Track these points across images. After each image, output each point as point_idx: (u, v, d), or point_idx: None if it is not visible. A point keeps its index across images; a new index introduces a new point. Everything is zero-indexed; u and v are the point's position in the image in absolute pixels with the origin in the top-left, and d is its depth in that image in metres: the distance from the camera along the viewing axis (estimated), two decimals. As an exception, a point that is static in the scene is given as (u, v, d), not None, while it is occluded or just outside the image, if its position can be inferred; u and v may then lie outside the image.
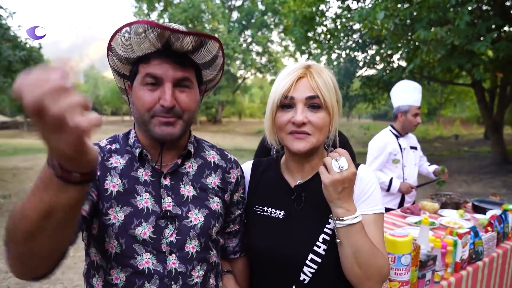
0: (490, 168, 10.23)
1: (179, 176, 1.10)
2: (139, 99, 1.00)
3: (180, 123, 1.02)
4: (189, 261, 1.05)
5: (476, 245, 2.00)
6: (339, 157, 1.04)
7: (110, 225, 1.00)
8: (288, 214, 1.17)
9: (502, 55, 5.63)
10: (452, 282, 1.81)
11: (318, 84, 1.08)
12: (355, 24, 10.89)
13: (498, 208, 2.73)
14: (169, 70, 0.98)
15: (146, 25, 0.92)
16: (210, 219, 1.10)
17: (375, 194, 1.14)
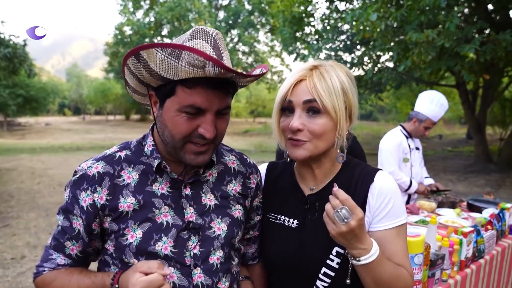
0: (474, 167, 10.49)
1: (199, 185, 1.06)
2: (175, 125, 0.91)
3: (212, 147, 0.98)
4: (215, 273, 1.02)
5: (479, 244, 2.05)
6: (340, 208, 0.93)
7: (127, 245, 0.96)
8: (302, 223, 1.13)
9: (488, 57, 5.79)
10: (458, 280, 1.84)
11: (317, 87, 1.00)
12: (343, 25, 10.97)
13: (492, 207, 2.81)
14: (215, 101, 0.90)
15: (207, 61, 0.80)
16: (233, 227, 1.07)
17: (396, 205, 1.06)
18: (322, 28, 12.74)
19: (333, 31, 11.79)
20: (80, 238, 0.99)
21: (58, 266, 1.01)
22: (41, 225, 5.36)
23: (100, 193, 0.97)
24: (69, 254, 1.01)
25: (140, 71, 0.91)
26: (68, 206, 1.00)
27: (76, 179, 1.00)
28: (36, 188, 7.79)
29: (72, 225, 0.99)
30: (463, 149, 15.34)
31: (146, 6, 29.27)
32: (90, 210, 0.97)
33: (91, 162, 1.02)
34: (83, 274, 1.00)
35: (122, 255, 0.97)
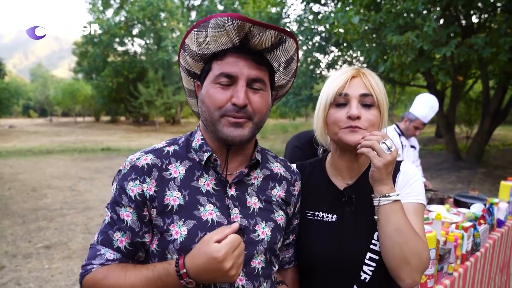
0: (445, 165, 10.94)
1: (244, 187, 1.05)
2: (210, 97, 0.95)
3: (249, 125, 0.97)
4: (256, 278, 1.00)
5: (476, 237, 2.15)
6: (385, 139, 1.04)
7: (172, 241, 0.94)
8: (341, 216, 1.18)
9: (462, 60, 6.08)
10: (461, 273, 1.94)
11: (371, 83, 1.13)
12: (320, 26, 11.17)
13: (478, 202, 2.95)
14: (244, 68, 0.94)
15: (227, 18, 0.87)
16: (276, 233, 1.06)
17: (416, 185, 1.17)
18: (298, 30, 12.91)
19: (309, 33, 11.96)
20: (128, 228, 0.96)
21: (107, 262, 0.96)
22: (18, 232, 5.13)
23: (149, 184, 0.96)
24: (118, 247, 0.97)
25: (186, 60, 1.00)
26: (116, 198, 0.98)
27: (125, 170, 0.99)
28: (7, 194, 7.44)
29: (120, 216, 0.97)
30: (433, 147, 15.95)
31: (116, 5, 28.55)
32: (139, 199, 0.96)
33: (140, 154, 1.01)
34: (138, 267, 0.95)
35: (165, 251, 0.95)
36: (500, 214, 2.66)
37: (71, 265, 4.08)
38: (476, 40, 5.99)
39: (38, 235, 5.04)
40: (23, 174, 9.67)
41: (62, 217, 5.86)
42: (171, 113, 29.92)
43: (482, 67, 8.37)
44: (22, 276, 3.82)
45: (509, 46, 5.96)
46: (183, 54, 0.99)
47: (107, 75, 28.59)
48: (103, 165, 11.33)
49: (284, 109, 16.90)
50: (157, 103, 26.89)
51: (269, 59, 1.02)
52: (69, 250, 4.49)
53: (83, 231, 5.19)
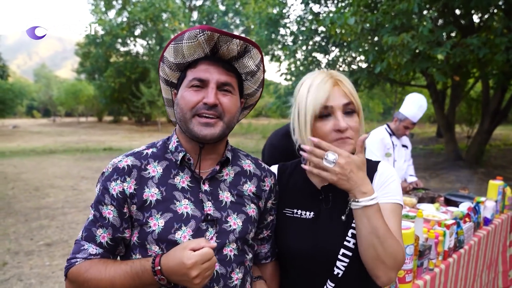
0: (445, 164, 10.97)
1: (216, 183, 1.14)
2: (184, 98, 1.06)
3: (220, 124, 1.06)
4: (228, 264, 1.09)
5: (459, 235, 2.22)
6: (326, 155, 1.05)
7: (150, 232, 1.03)
8: (317, 214, 1.23)
9: (458, 60, 6.13)
10: (442, 269, 2.01)
11: (350, 90, 1.16)
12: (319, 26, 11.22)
13: (468, 201, 3.01)
14: (215, 73, 1.05)
15: (199, 30, 0.99)
16: (248, 224, 1.14)
17: (393, 185, 1.18)
18: (298, 30, 12.97)
19: (309, 33, 12.02)
20: (110, 225, 1.05)
21: (90, 256, 1.04)
22: (21, 230, 5.23)
23: (129, 183, 1.06)
24: (100, 243, 1.05)
25: (164, 71, 1.12)
26: (99, 198, 1.07)
27: (107, 172, 1.09)
28: (10, 193, 7.56)
29: (102, 214, 1.05)
30: (434, 147, 15.97)
31: (118, 6, 28.70)
32: (120, 196, 1.05)
33: (121, 158, 1.11)
34: (118, 262, 1.05)
35: (145, 242, 1.04)
36: (487, 213, 2.72)
37: (71, 262, 4.18)
38: (472, 40, 6.04)
39: (40, 233, 5.14)
40: (26, 173, 9.79)
41: (63, 215, 5.97)
42: (173, 113, 30.12)
43: (481, 67, 8.41)
44: (24, 273, 3.92)
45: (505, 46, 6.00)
46: (162, 66, 1.12)
47: (110, 75, 28.76)
48: (104, 165, 11.22)
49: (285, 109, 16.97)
50: (159, 103, 27.00)
51: (237, 67, 1.12)
52: (69, 248, 4.59)
53: (84, 230, 5.28)
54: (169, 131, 27.33)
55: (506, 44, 6.17)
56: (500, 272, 3.03)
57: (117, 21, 28.34)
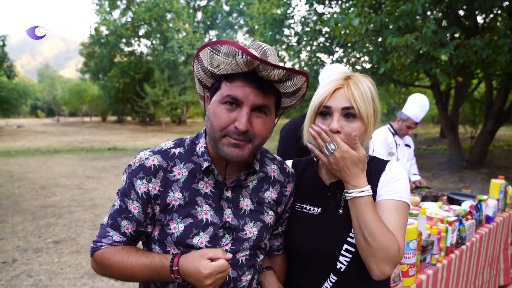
0: (448, 165, 10.99)
1: (239, 189, 1.15)
2: (216, 116, 1.02)
3: (248, 147, 1.03)
4: (240, 268, 1.14)
5: (461, 232, 2.27)
6: (329, 142, 1.12)
7: (170, 234, 1.08)
8: (325, 210, 1.28)
9: (461, 61, 6.17)
10: (445, 264, 2.06)
11: (354, 95, 1.15)
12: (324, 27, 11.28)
13: (470, 199, 3.06)
14: (251, 94, 0.99)
15: (238, 50, 0.92)
16: (263, 231, 1.18)
17: (399, 183, 1.20)
18: (302, 30, 13.02)
19: (313, 33, 12.08)
20: (134, 219, 1.10)
21: (114, 243, 1.11)
22: (29, 228, 5.32)
23: (154, 184, 1.08)
24: (124, 233, 1.11)
25: (199, 71, 1.06)
26: (125, 190, 1.10)
27: (134, 167, 1.10)
28: (17, 192, 7.65)
29: (128, 207, 1.10)
30: (437, 148, 15.97)
31: (122, 6, 28.84)
32: (145, 197, 1.08)
33: (149, 154, 1.11)
34: (140, 253, 1.10)
35: (164, 241, 1.10)
36: (489, 211, 2.77)
37: (79, 259, 4.25)
38: (475, 41, 6.07)
39: (47, 231, 5.22)
40: (32, 172, 9.90)
41: (70, 214, 6.05)
42: (177, 113, 30.12)
43: (484, 68, 8.43)
44: (33, 269, 4.00)
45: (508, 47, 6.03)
46: (196, 64, 1.05)
47: (114, 75, 28.90)
48: (109, 164, 11.54)
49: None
50: (163, 103, 27.13)
51: (277, 87, 1.06)
52: (77, 245, 4.67)
53: (91, 228, 5.36)
54: (173, 131, 27.46)
55: (509, 45, 6.20)
56: (501, 270, 3.08)
57: (122, 21, 28.48)
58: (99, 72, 32.01)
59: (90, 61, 31.89)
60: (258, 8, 14.48)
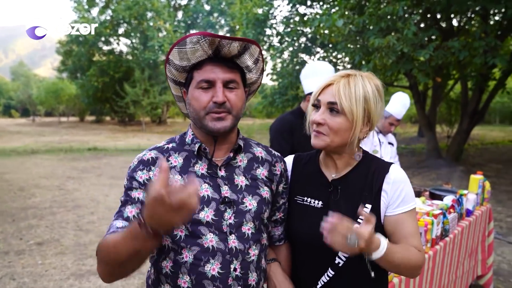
0: (426, 163, 11.33)
1: (232, 168, 1.24)
2: (196, 99, 1.16)
3: (229, 117, 1.17)
4: (246, 241, 1.19)
5: (445, 224, 2.38)
6: (349, 237, 1.06)
7: None
8: (326, 204, 1.31)
9: (439, 62, 6.40)
10: (431, 255, 2.16)
11: (340, 92, 1.20)
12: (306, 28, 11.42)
13: (451, 194, 3.20)
14: (220, 73, 1.14)
15: (200, 36, 1.08)
16: (262, 205, 1.24)
17: (407, 193, 1.25)
18: (284, 31, 13.15)
19: (295, 34, 12.22)
20: (139, 202, 1.14)
21: (116, 229, 1.08)
22: (9, 230, 5.18)
23: (154, 171, 1.17)
24: (127, 217, 1.12)
25: (171, 72, 1.21)
26: (127, 186, 1.17)
27: (133, 165, 1.20)
28: (-6, 193, 7.42)
29: (132, 196, 1.15)
30: (415, 146, 16.41)
31: (101, 4, 28.27)
32: (147, 183, 1.15)
33: (145, 152, 1.24)
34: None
35: None
36: (469, 205, 2.91)
37: (64, 260, 4.19)
38: (453, 43, 6.31)
39: (29, 232, 5.11)
40: (9, 174, 9.61)
41: (52, 215, 5.93)
42: (157, 113, 29.79)
43: (460, 69, 8.75)
44: (16, 272, 3.91)
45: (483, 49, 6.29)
46: (168, 67, 1.20)
47: (93, 74, 28.29)
48: (90, 165, 11.33)
49: (270, 109, 17.11)
50: (144, 103, 26.78)
51: (239, 63, 1.21)
52: (61, 246, 4.59)
53: (74, 228, 5.28)
54: (153, 131, 27.15)
55: (484, 48, 6.47)
56: (479, 260, 3.23)
57: (100, 19, 27.91)
58: (77, 71, 31.27)
59: (67, 60, 31.12)
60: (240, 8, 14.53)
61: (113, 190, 7.82)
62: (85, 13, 27.86)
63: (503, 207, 6.77)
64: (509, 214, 6.35)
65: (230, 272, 1.15)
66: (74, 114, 41.07)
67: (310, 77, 2.79)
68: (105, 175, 9.59)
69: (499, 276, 3.87)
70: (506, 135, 21.25)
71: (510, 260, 4.30)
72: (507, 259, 4.35)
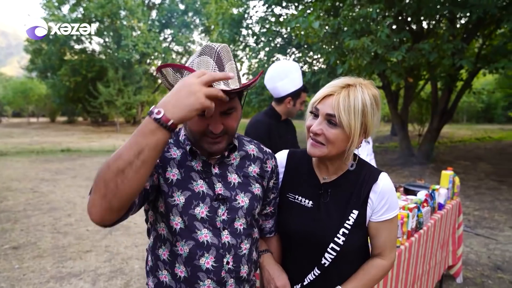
0: (399, 161, 11.72)
1: (225, 166, 1.29)
2: (192, 124, 1.16)
3: (225, 138, 1.20)
4: (238, 236, 1.25)
5: (419, 217, 2.53)
6: None
7: (175, 205, 1.19)
8: (316, 205, 1.37)
9: (411, 63, 6.67)
10: (407, 246, 2.30)
11: (339, 106, 1.21)
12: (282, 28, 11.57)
13: (424, 190, 3.37)
14: (216, 105, 1.09)
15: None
16: (254, 201, 1.30)
17: (392, 202, 1.34)
18: (260, 31, 13.26)
19: (271, 34, 12.35)
20: None
21: None
22: (-18, 235, 5.01)
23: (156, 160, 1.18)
24: None
25: (164, 82, 1.20)
26: None
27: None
28: (-37, 197, 7.13)
29: None
30: (389, 145, 16.93)
31: (72, 1, 27.45)
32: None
33: None
34: None
35: (169, 213, 1.19)
36: (441, 199, 3.09)
37: (43, 263, 4.11)
38: (424, 45, 6.59)
39: (3, 236, 4.96)
40: (-22, 177, 9.24)
41: (27, 218, 5.77)
42: (132, 113, 29.24)
43: (430, 70, 9.12)
44: (-8, 277, 3.81)
45: (451, 51, 6.60)
46: (161, 76, 1.16)
47: (64, 74, 27.46)
48: (64, 166, 11.04)
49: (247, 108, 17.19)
50: (118, 103, 26.25)
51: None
52: (39, 250, 4.49)
53: (52, 231, 5.17)
54: (128, 132, 26.64)
55: (452, 50, 6.80)
56: (450, 251, 3.42)
57: (72, 17, 27.10)
58: (47, 70, 30.27)
59: (37, 58, 30.06)
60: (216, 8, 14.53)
61: (90, 192, 7.68)
62: (55, 10, 26.97)
63: (471, 202, 7.13)
64: (476, 208, 6.70)
65: (223, 265, 1.22)
66: (44, 115, 39.74)
67: (283, 79, 2.71)
68: (80, 177, 9.38)
69: (468, 265, 4.11)
70: (473, 133, 22.24)
71: (477, 251, 4.57)
72: (475, 249, 4.61)
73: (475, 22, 8.45)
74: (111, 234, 5.09)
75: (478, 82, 21.45)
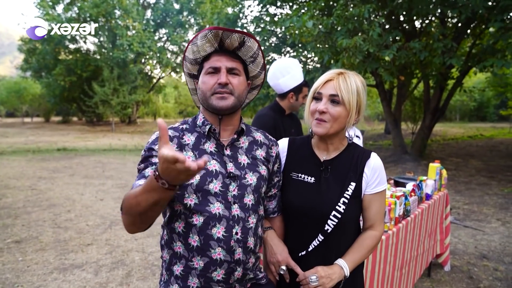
0: (392, 158, 11.93)
1: (235, 149, 1.46)
2: (204, 83, 1.38)
3: (232, 98, 1.37)
4: (247, 210, 1.40)
5: (407, 205, 2.70)
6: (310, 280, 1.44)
7: (190, 184, 1.32)
8: (318, 180, 1.54)
9: (403, 62, 6.85)
10: (394, 232, 2.46)
11: (340, 86, 1.45)
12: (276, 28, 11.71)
13: (413, 182, 3.54)
14: (224, 61, 1.37)
15: (207, 30, 1.33)
16: (261, 180, 1.46)
17: (382, 177, 1.55)
18: (255, 30, 13.39)
19: (266, 33, 12.49)
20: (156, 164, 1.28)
21: (139, 185, 1.18)
22: (-17, 230, 5.11)
23: (172, 145, 1.31)
24: (148, 176, 1.24)
25: (187, 67, 1.46)
26: (146, 155, 1.34)
27: (151, 140, 1.39)
28: (-39, 195, 7.20)
29: (152, 161, 1.33)
30: (382, 143, 17.16)
31: (67, 0, 27.39)
32: None
33: None
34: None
35: (185, 191, 1.32)
36: (428, 189, 3.26)
37: (45, 256, 4.23)
38: (415, 44, 6.77)
39: (5, 231, 5.07)
40: (-25, 175, 9.29)
41: (27, 214, 5.88)
42: (127, 112, 29.18)
43: (422, 69, 9.31)
44: (-3, 269, 3.92)
45: (441, 50, 6.79)
46: (185, 63, 1.44)
47: (59, 73, 27.36)
48: (61, 165, 11.11)
49: (243, 108, 17.28)
50: (113, 102, 26.24)
51: (240, 55, 1.44)
52: (41, 243, 4.61)
53: (52, 226, 5.28)
54: (123, 131, 26.68)
55: (442, 49, 6.98)
56: (438, 240, 3.60)
57: (66, 16, 27.04)
58: (42, 69, 30.15)
59: (31, 58, 29.93)
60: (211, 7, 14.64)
61: (88, 189, 7.79)
62: (49, 9, 26.89)
63: (461, 196, 7.34)
64: (466, 202, 6.91)
65: (232, 235, 1.36)
66: (38, 115, 39.56)
67: (285, 75, 2.88)
68: (78, 175, 9.47)
69: (455, 255, 4.29)
70: (465, 131, 22.57)
71: (465, 241, 4.76)
72: (462, 240, 4.80)
73: (465, 21, 8.65)
74: (111, 228, 5.22)
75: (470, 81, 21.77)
